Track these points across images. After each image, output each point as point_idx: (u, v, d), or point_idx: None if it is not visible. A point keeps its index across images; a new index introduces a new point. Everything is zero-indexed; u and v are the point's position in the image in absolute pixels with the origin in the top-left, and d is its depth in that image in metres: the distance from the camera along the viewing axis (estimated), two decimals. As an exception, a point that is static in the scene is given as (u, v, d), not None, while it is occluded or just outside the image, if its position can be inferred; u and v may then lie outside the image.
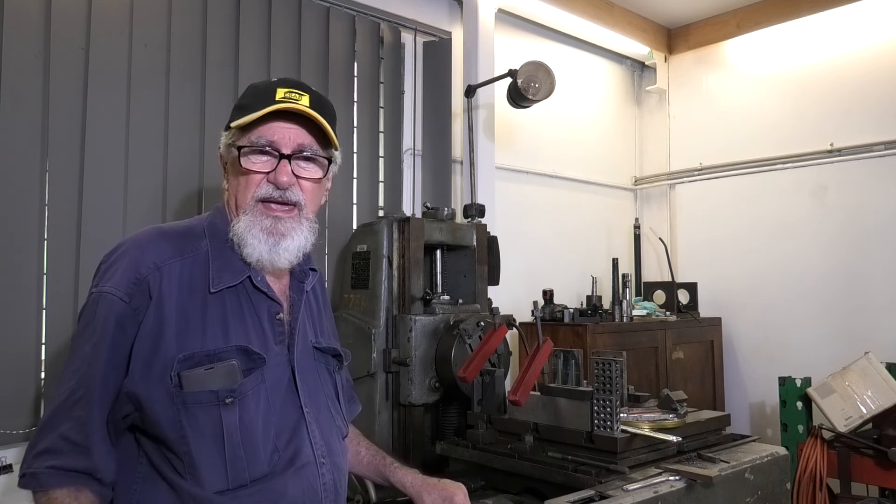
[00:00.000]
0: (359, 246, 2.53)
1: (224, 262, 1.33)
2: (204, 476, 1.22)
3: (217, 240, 1.35)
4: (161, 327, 1.25)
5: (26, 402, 2.15)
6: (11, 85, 2.15)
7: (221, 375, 1.25)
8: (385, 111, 3.18)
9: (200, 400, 1.23)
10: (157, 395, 1.23)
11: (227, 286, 1.32)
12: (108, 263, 1.30)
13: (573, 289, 3.94)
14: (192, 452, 1.23)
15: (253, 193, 1.33)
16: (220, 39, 2.62)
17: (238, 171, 1.35)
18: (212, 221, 1.40)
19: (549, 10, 3.73)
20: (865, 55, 3.67)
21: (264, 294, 1.36)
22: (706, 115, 4.33)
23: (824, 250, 3.76)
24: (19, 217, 2.15)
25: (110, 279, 1.26)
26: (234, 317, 1.31)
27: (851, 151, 3.68)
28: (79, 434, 1.21)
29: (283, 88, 1.34)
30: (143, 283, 1.25)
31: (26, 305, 2.16)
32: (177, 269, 1.29)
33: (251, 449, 1.26)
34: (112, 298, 1.24)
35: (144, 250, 1.29)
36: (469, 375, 2.03)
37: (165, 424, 1.23)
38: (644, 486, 1.64)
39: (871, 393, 2.80)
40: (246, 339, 1.30)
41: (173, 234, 1.35)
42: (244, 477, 1.25)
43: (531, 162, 3.89)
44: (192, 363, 1.24)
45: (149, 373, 1.23)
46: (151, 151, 2.42)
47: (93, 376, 1.22)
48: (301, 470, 1.31)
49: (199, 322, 1.28)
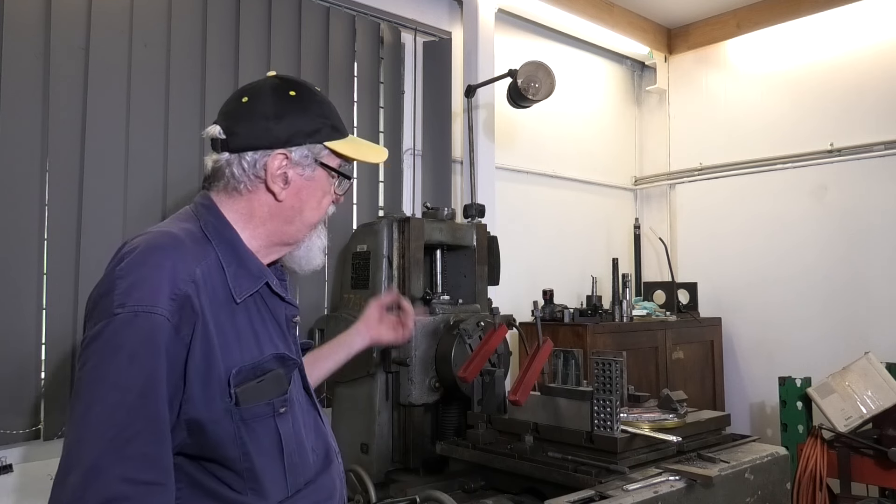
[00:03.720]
0: (359, 246, 2.53)
1: (238, 269, 1.25)
2: (267, 488, 1.20)
3: (223, 244, 1.26)
4: (209, 344, 1.16)
5: (26, 403, 2.15)
6: (11, 85, 2.15)
7: (272, 386, 1.23)
8: (385, 111, 3.18)
9: (258, 413, 1.20)
10: (216, 415, 1.16)
11: (249, 294, 1.26)
12: (133, 278, 1.12)
13: (573, 289, 3.94)
14: (254, 467, 1.19)
15: (325, 214, 1.38)
16: (220, 39, 2.62)
17: (321, 192, 1.35)
18: (208, 222, 1.28)
19: (549, 10, 3.74)
20: (865, 55, 3.67)
21: (279, 297, 1.32)
22: (706, 115, 4.33)
23: (824, 250, 3.76)
24: (19, 217, 2.15)
25: (146, 296, 1.10)
26: (259, 324, 1.27)
27: (851, 151, 3.68)
28: (148, 472, 1.07)
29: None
30: (183, 298, 1.13)
31: (26, 305, 2.16)
32: (201, 278, 1.18)
33: (303, 453, 1.28)
34: (157, 318, 1.09)
35: (175, 260, 1.15)
36: (469, 375, 2.03)
37: (228, 444, 1.17)
38: (644, 486, 1.64)
39: (871, 393, 2.80)
40: (275, 346, 1.27)
41: (185, 239, 1.22)
42: (300, 482, 1.26)
43: (531, 162, 3.89)
44: (243, 377, 1.19)
45: (208, 394, 1.15)
46: (151, 151, 2.42)
47: (151, 408, 1.08)
48: (332, 465, 1.36)
49: (232, 333, 1.21)
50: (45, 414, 2.18)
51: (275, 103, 1.30)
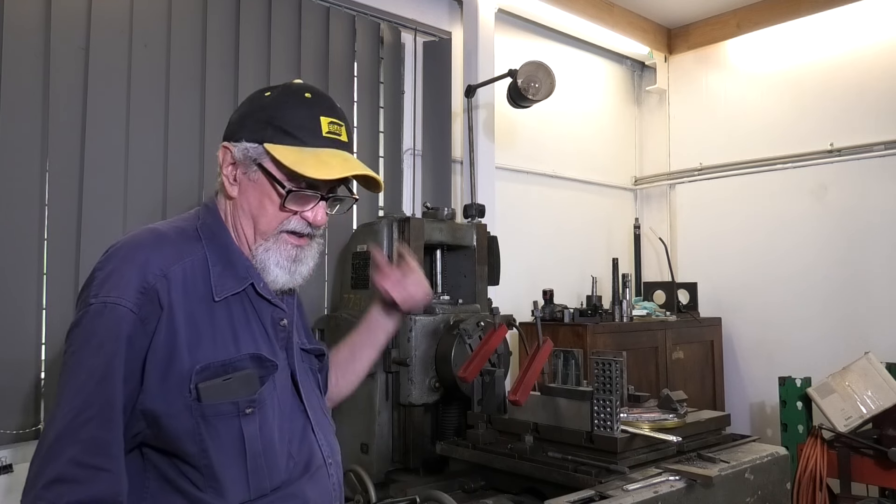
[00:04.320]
0: (359, 246, 2.53)
1: (224, 268, 1.27)
2: (226, 488, 1.19)
3: (214, 243, 1.29)
4: (174, 338, 1.18)
5: (26, 403, 2.15)
6: (11, 85, 2.15)
7: (240, 385, 1.22)
8: (385, 111, 3.18)
9: (221, 411, 1.19)
10: (174, 410, 1.17)
11: (232, 293, 1.27)
12: (107, 271, 1.18)
13: (573, 289, 3.94)
14: (213, 465, 1.18)
15: (284, 225, 1.29)
16: (220, 39, 2.62)
17: (269, 201, 1.28)
18: (205, 223, 1.31)
19: (549, 10, 3.73)
20: (865, 55, 3.67)
21: (267, 300, 1.32)
22: (706, 115, 4.33)
23: (824, 250, 3.76)
24: (19, 217, 2.15)
25: (114, 288, 1.16)
26: (241, 324, 1.27)
27: (851, 151, 3.68)
28: (95, 456, 1.11)
29: (325, 118, 1.28)
30: (151, 292, 1.17)
31: (26, 305, 2.16)
32: (180, 274, 1.21)
33: (271, 457, 1.24)
34: (121, 310, 1.14)
35: (148, 255, 1.20)
36: (469, 375, 2.03)
37: (185, 439, 1.17)
38: (644, 486, 1.64)
39: (871, 393, 2.80)
40: (255, 346, 1.27)
41: (171, 237, 1.27)
42: (265, 486, 1.23)
43: (531, 162, 3.89)
44: (209, 374, 1.19)
45: (165, 387, 1.16)
46: (151, 151, 2.42)
47: (105, 394, 1.13)
48: (315, 474, 1.32)
49: (208, 330, 1.22)
50: (45, 414, 2.18)
51: (251, 100, 1.33)
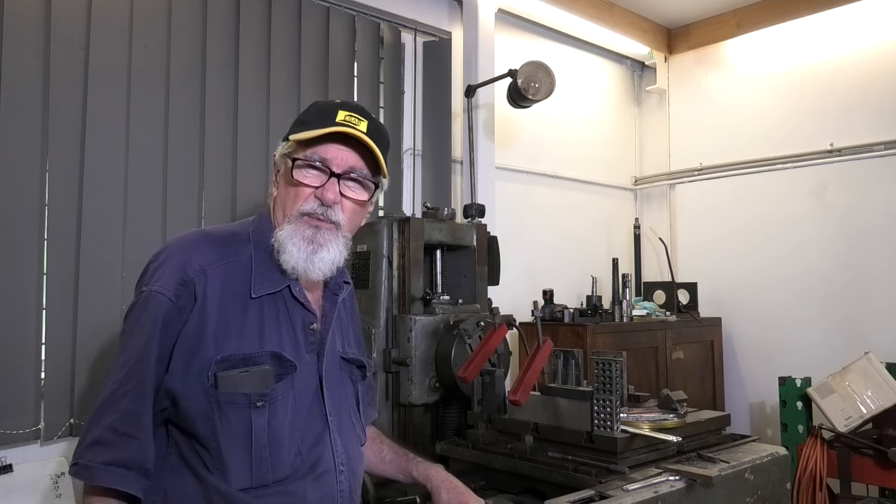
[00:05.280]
0: (359, 246, 2.53)
1: (265, 270, 1.39)
2: (230, 472, 1.29)
3: (260, 247, 1.40)
4: (202, 328, 1.30)
5: (26, 403, 2.15)
6: (11, 85, 2.15)
7: (255, 379, 1.31)
8: (385, 111, 3.18)
9: (233, 401, 1.29)
10: (193, 392, 1.29)
11: (267, 293, 1.38)
12: (157, 264, 1.34)
13: (573, 289, 3.94)
14: (221, 449, 1.29)
15: (300, 207, 1.38)
16: (220, 39, 2.62)
17: (289, 181, 1.41)
18: (257, 228, 1.44)
19: (549, 10, 3.74)
20: (865, 55, 3.67)
21: (300, 304, 1.42)
22: (706, 115, 4.33)
23: (824, 250, 3.76)
24: (19, 217, 2.15)
25: (159, 279, 1.31)
26: (271, 323, 1.37)
27: (851, 151, 3.68)
28: (128, 425, 1.25)
29: (344, 111, 1.40)
30: (189, 285, 1.31)
31: (26, 305, 2.16)
32: (220, 272, 1.35)
33: (276, 451, 1.32)
34: (161, 298, 1.30)
35: (191, 253, 1.35)
36: (469, 375, 2.03)
37: (199, 421, 1.29)
38: (644, 486, 1.64)
39: (871, 393, 2.80)
40: (279, 346, 1.36)
41: (218, 239, 1.41)
42: (267, 477, 1.31)
43: (531, 162, 3.89)
44: (229, 365, 1.30)
45: (188, 371, 1.29)
46: (151, 151, 2.42)
47: (142, 371, 1.28)
48: (321, 476, 1.38)
49: (238, 325, 1.34)
50: (45, 414, 2.18)
51: None
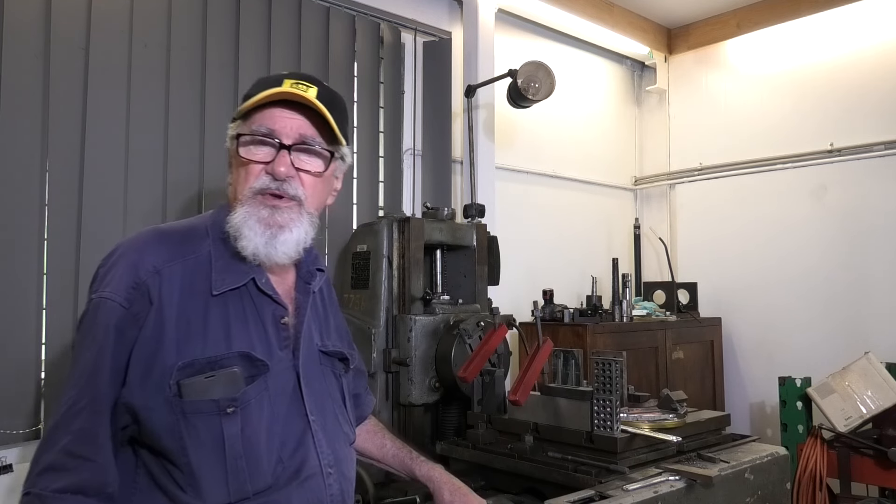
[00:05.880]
0: (359, 246, 2.53)
1: (226, 264, 1.27)
2: (204, 489, 1.17)
3: (220, 240, 1.29)
4: (161, 334, 1.19)
5: (26, 403, 2.15)
6: (11, 85, 2.15)
7: (223, 383, 1.19)
8: (385, 111, 3.18)
9: (200, 409, 1.17)
10: (154, 404, 1.17)
11: (230, 288, 1.26)
12: (106, 268, 1.23)
13: (573, 289, 3.93)
14: (191, 464, 1.17)
15: (251, 185, 1.26)
16: (220, 39, 2.61)
17: (239, 161, 1.29)
18: (215, 220, 1.32)
19: (549, 10, 3.73)
20: (865, 55, 3.67)
21: (269, 297, 1.30)
22: (706, 115, 4.33)
23: (824, 250, 3.76)
24: (19, 217, 2.15)
25: (109, 284, 1.20)
26: (237, 321, 1.25)
27: (851, 151, 3.68)
28: (83, 447, 1.15)
29: (290, 80, 1.29)
30: (142, 288, 1.20)
31: (26, 305, 2.16)
32: (178, 271, 1.23)
33: (253, 460, 1.20)
34: (111, 304, 1.18)
35: (143, 253, 1.23)
36: (469, 375, 2.03)
37: (164, 435, 1.17)
38: (644, 486, 1.64)
39: (871, 393, 2.80)
40: (249, 345, 1.24)
41: (173, 235, 1.29)
42: (246, 489, 1.19)
43: (531, 162, 3.89)
44: (193, 371, 1.18)
45: (146, 381, 1.18)
46: (151, 151, 2.42)
47: (95, 386, 1.16)
48: (306, 482, 1.26)
49: (200, 327, 1.22)
50: (45, 414, 2.17)
51: None
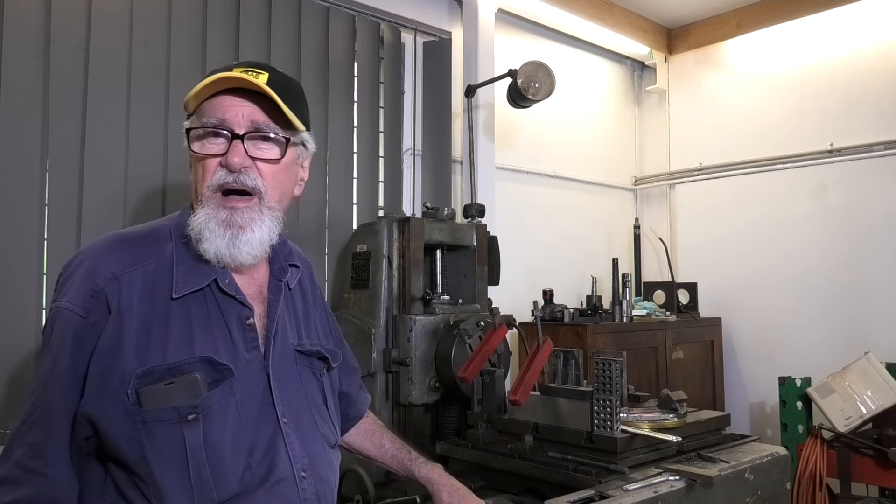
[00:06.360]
0: (359, 246, 2.53)
1: (189, 266, 1.22)
2: (169, 499, 1.13)
3: (183, 242, 1.24)
4: (119, 342, 1.15)
5: (26, 402, 2.15)
6: (11, 85, 2.15)
7: (182, 390, 1.15)
8: (385, 111, 3.18)
9: (160, 417, 1.13)
10: (113, 414, 1.13)
11: (192, 291, 1.21)
12: (66, 276, 1.20)
13: (573, 289, 3.94)
14: (154, 474, 1.13)
15: (209, 182, 1.21)
16: (220, 39, 2.61)
17: (194, 157, 1.24)
18: (179, 222, 1.27)
19: (549, 10, 3.73)
20: (865, 55, 3.67)
21: (232, 298, 1.25)
22: (706, 115, 4.33)
23: (824, 250, 3.76)
24: (19, 217, 2.15)
25: (66, 293, 1.17)
26: (200, 325, 1.21)
27: (851, 151, 3.68)
28: (34, 460, 1.12)
29: (240, 67, 1.25)
30: (100, 296, 1.16)
31: (26, 305, 2.16)
32: (138, 277, 1.19)
33: (219, 468, 1.15)
34: (67, 314, 1.15)
35: (100, 259, 1.19)
36: (469, 375, 2.03)
37: (125, 445, 1.13)
38: (644, 486, 1.64)
39: (871, 393, 2.80)
40: (212, 349, 1.19)
41: (134, 239, 1.25)
42: (212, 498, 1.15)
43: (531, 162, 3.89)
44: (152, 378, 1.14)
45: (104, 391, 1.14)
46: (151, 151, 2.42)
47: (48, 398, 1.14)
48: (276, 486, 1.21)
49: (161, 333, 1.17)
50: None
51: None
